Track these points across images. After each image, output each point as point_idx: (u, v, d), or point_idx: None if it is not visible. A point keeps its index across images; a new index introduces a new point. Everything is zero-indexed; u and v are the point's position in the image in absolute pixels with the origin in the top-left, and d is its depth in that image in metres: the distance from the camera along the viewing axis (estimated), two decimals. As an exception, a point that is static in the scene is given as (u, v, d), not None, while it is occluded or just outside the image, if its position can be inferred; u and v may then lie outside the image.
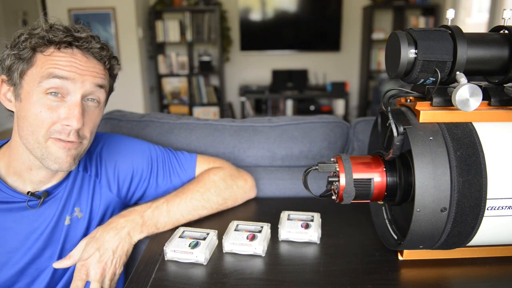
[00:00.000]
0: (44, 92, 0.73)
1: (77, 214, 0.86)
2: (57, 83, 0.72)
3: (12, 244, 0.79)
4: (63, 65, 0.73)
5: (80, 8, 3.88)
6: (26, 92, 0.74)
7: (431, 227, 0.63)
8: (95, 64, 0.77)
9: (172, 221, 0.87)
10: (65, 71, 0.73)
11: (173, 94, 4.50)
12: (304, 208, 0.91)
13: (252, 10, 4.42)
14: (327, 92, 4.47)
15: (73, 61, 0.74)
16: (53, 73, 0.72)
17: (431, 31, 0.64)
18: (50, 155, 0.75)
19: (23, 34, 0.75)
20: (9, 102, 0.78)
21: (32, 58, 0.74)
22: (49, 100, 0.73)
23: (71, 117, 0.73)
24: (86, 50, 0.76)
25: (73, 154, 0.76)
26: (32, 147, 0.75)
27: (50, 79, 0.72)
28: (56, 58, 0.73)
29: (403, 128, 0.64)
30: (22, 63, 0.73)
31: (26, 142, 0.75)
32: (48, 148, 0.74)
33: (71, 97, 0.74)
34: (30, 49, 0.73)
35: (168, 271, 0.72)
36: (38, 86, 0.72)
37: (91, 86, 0.76)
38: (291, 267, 0.73)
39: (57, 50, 0.74)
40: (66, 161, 0.76)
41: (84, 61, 0.75)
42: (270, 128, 1.19)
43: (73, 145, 0.76)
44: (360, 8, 4.48)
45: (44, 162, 0.75)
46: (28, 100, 0.73)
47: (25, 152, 0.77)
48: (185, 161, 1.00)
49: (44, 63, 0.73)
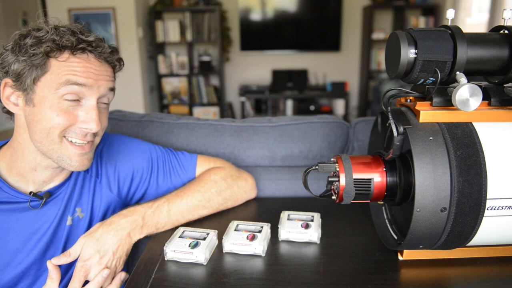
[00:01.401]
0: (61, 97, 0.73)
1: (78, 215, 0.86)
2: (75, 89, 0.73)
3: (14, 245, 0.79)
4: (80, 71, 0.74)
5: (80, 8, 3.88)
6: (40, 97, 0.73)
7: (431, 227, 0.63)
8: (107, 68, 0.79)
9: (173, 221, 0.87)
10: (83, 78, 0.74)
11: (173, 94, 4.50)
12: (304, 208, 0.91)
13: (252, 10, 4.42)
14: (327, 92, 4.47)
15: (89, 67, 0.75)
16: (71, 80, 0.73)
17: (431, 31, 0.64)
18: (66, 157, 0.77)
19: (25, 36, 0.73)
20: (14, 106, 0.77)
21: (46, 64, 0.73)
22: (65, 104, 0.74)
23: (90, 120, 0.75)
24: (99, 54, 0.77)
25: (89, 156, 0.80)
26: (48, 149, 0.76)
27: (68, 86, 0.73)
28: (72, 64, 0.74)
29: (403, 128, 0.64)
30: (35, 70, 0.73)
31: (41, 145, 0.76)
32: (63, 150, 0.76)
33: (87, 101, 0.76)
34: (43, 55, 0.72)
35: (168, 271, 0.72)
36: (55, 92, 0.73)
37: (105, 90, 0.78)
38: (291, 267, 0.73)
39: (72, 56, 0.74)
40: (83, 164, 0.79)
41: (98, 66, 0.77)
42: (270, 128, 1.19)
43: (88, 147, 0.78)
44: (360, 8, 4.48)
45: (60, 163, 0.77)
46: (42, 105, 0.73)
47: (31, 153, 0.78)
48: (186, 161, 1.00)
49: (60, 69, 0.73)
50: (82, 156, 0.78)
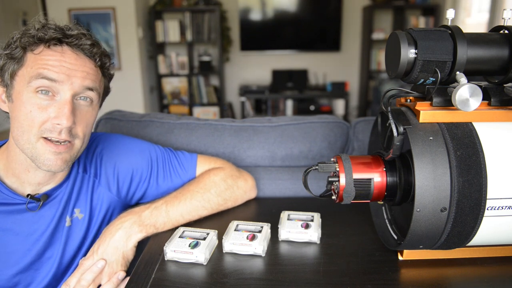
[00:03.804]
0: (34, 91, 0.72)
1: (77, 215, 0.86)
2: (45, 83, 0.72)
3: (12, 246, 0.79)
4: (52, 65, 0.72)
5: (80, 8, 3.88)
6: (17, 92, 0.73)
7: (431, 227, 0.63)
8: (85, 62, 0.76)
9: (172, 221, 0.87)
10: (53, 72, 0.72)
11: (173, 94, 4.50)
12: (304, 208, 0.91)
13: (252, 10, 4.42)
14: (327, 92, 4.47)
15: (62, 60, 0.73)
16: (41, 74, 0.72)
17: (431, 31, 0.64)
18: (39, 155, 0.74)
19: (15, 34, 0.74)
20: (3, 103, 0.78)
21: (23, 58, 0.73)
22: (39, 99, 0.72)
23: (61, 115, 0.72)
24: (76, 47, 0.75)
25: (64, 157, 0.76)
26: (23, 147, 0.74)
27: (38, 79, 0.72)
28: (45, 58, 0.72)
29: (403, 128, 0.64)
30: (13, 63, 0.73)
31: (17, 142, 0.75)
32: (37, 149, 0.74)
33: (60, 96, 0.73)
34: (21, 48, 0.72)
35: (168, 271, 0.72)
36: (28, 86, 0.72)
37: (80, 87, 0.75)
38: (291, 267, 0.73)
39: (47, 48, 0.73)
40: (56, 164, 0.75)
41: (74, 59, 0.74)
42: (270, 128, 1.19)
43: (64, 148, 0.75)
44: (360, 8, 4.48)
45: (35, 162, 0.75)
46: (18, 100, 0.73)
47: (21, 153, 0.77)
48: (186, 161, 1.00)
49: (34, 62, 0.73)
50: (56, 155, 0.74)
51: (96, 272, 0.76)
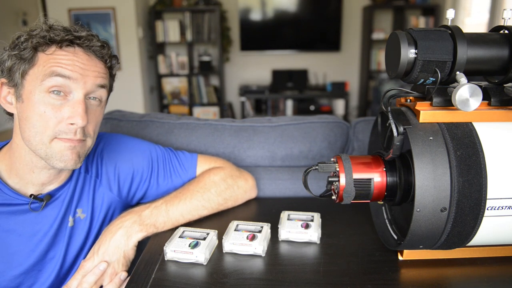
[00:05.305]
0: (47, 90, 0.72)
1: (79, 215, 0.86)
2: (59, 81, 0.72)
3: (15, 246, 0.79)
4: (65, 63, 0.73)
5: (80, 8, 3.88)
6: (28, 92, 0.73)
7: (431, 227, 0.63)
8: (97, 63, 0.77)
9: (172, 220, 0.87)
10: (67, 70, 0.72)
11: (173, 94, 4.50)
12: (304, 208, 0.91)
13: (252, 10, 4.42)
14: (327, 92, 4.47)
15: (75, 60, 0.74)
16: (55, 71, 0.72)
17: (431, 31, 0.64)
18: (55, 153, 0.74)
19: (22, 35, 0.74)
20: (9, 105, 0.77)
21: (34, 58, 0.73)
22: (52, 99, 0.73)
23: (76, 115, 0.73)
24: (88, 48, 0.76)
25: (78, 151, 0.76)
26: (36, 147, 0.74)
27: (52, 77, 0.72)
28: (58, 57, 0.73)
29: (403, 128, 0.64)
30: (23, 63, 0.73)
31: (29, 143, 0.75)
32: (52, 148, 0.74)
33: (73, 95, 0.74)
34: (31, 49, 0.73)
35: (168, 271, 0.72)
36: (41, 84, 0.72)
37: (92, 86, 0.76)
38: (291, 267, 0.73)
39: (59, 49, 0.74)
40: (71, 158, 0.75)
41: (86, 60, 0.75)
42: (270, 128, 1.19)
43: (78, 142, 0.76)
44: (360, 8, 4.48)
45: (49, 161, 0.75)
46: (30, 100, 0.73)
47: (28, 154, 0.77)
48: (186, 161, 1.00)
49: (46, 61, 0.73)
50: (72, 150, 0.75)
51: (98, 274, 0.76)
